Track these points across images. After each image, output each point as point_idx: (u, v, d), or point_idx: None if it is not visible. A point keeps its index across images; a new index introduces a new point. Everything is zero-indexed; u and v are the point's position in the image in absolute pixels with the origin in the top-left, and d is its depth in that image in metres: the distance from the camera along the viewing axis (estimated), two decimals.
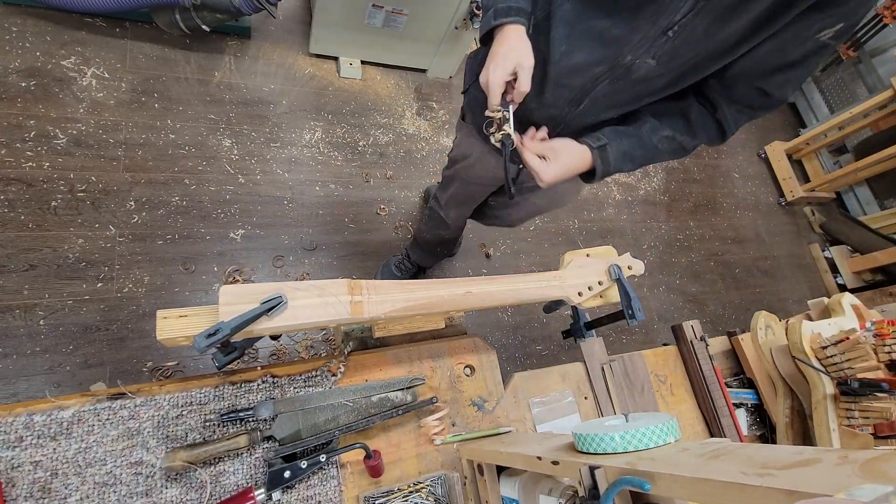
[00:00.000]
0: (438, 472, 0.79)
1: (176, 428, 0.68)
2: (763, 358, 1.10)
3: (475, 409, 0.88)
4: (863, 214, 3.42)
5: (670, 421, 0.56)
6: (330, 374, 0.79)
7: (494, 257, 2.25)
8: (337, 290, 0.65)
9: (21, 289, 1.48)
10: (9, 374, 1.40)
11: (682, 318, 2.24)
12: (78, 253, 1.57)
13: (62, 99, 1.71)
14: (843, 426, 0.94)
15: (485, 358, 0.92)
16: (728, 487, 0.40)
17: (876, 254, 2.94)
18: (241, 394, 0.73)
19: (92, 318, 1.52)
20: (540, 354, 2.14)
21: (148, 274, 1.63)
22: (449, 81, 2.53)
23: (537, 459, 0.61)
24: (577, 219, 2.56)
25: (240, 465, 0.69)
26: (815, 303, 1.21)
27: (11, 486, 0.59)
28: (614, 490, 0.47)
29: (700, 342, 1.12)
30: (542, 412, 0.95)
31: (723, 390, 1.08)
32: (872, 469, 0.36)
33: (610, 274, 0.88)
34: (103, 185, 1.66)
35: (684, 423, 1.08)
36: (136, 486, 0.64)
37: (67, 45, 1.78)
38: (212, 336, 0.56)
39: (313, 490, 0.72)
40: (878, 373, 0.96)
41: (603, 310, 0.90)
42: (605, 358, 1.04)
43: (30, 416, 0.62)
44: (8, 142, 1.59)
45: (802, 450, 0.43)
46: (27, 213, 1.55)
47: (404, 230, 2.10)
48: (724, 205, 3.15)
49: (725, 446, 0.50)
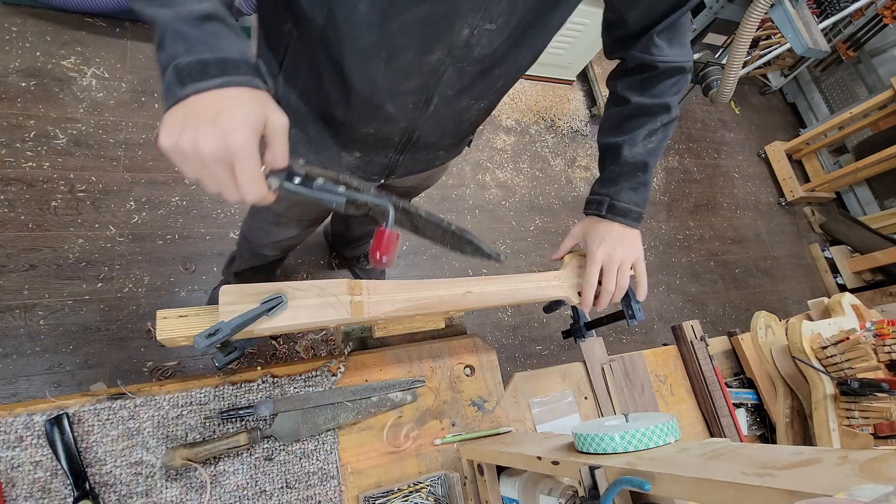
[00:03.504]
0: (438, 472, 0.79)
1: (176, 428, 0.68)
2: (763, 358, 1.10)
3: (475, 409, 0.88)
4: (863, 214, 3.42)
5: (670, 421, 0.56)
6: (330, 374, 0.79)
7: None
8: (337, 290, 0.65)
9: (21, 289, 1.47)
10: (9, 374, 1.40)
11: (682, 318, 2.24)
12: (78, 253, 1.57)
13: (62, 99, 1.71)
14: (843, 426, 0.94)
15: (485, 358, 0.92)
16: (728, 487, 0.40)
17: (876, 254, 2.94)
18: (241, 394, 0.73)
19: (92, 318, 1.52)
20: (540, 354, 2.14)
21: (148, 274, 1.63)
22: None
23: (537, 459, 0.61)
24: (577, 219, 2.56)
25: (240, 464, 0.69)
26: (815, 303, 1.22)
27: (11, 486, 0.59)
28: (614, 490, 0.47)
29: (700, 342, 1.12)
30: (542, 412, 0.95)
31: (723, 390, 1.08)
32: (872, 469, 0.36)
33: None
34: (103, 185, 1.66)
35: (684, 423, 1.08)
36: (136, 486, 0.64)
37: (67, 45, 1.78)
38: (212, 336, 0.56)
39: (313, 490, 0.72)
40: (878, 373, 0.96)
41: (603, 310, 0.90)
42: (605, 358, 1.04)
43: (30, 416, 0.62)
44: (8, 142, 1.59)
45: (802, 450, 0.43)
46: (27, 213, 1.55)
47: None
48: (724, 205, 3.15)
49: (725, 446, 0.50)
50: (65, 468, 0.60)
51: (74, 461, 0.61)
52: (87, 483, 0.61)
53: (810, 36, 2.05)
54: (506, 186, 2.45)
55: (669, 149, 3.15)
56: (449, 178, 2.31)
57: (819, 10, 2.95)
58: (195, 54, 0.46)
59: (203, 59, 0.46)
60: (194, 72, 0.46)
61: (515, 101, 2.69)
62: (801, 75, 3.80)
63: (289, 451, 0.73)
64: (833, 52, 3.42)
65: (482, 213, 2.32)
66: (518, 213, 2.42)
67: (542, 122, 2.72)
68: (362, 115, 0.70)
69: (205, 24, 0.48)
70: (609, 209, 0.80)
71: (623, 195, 0.80)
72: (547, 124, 2.73)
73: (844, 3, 2.84)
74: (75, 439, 0.62)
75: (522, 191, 2.49)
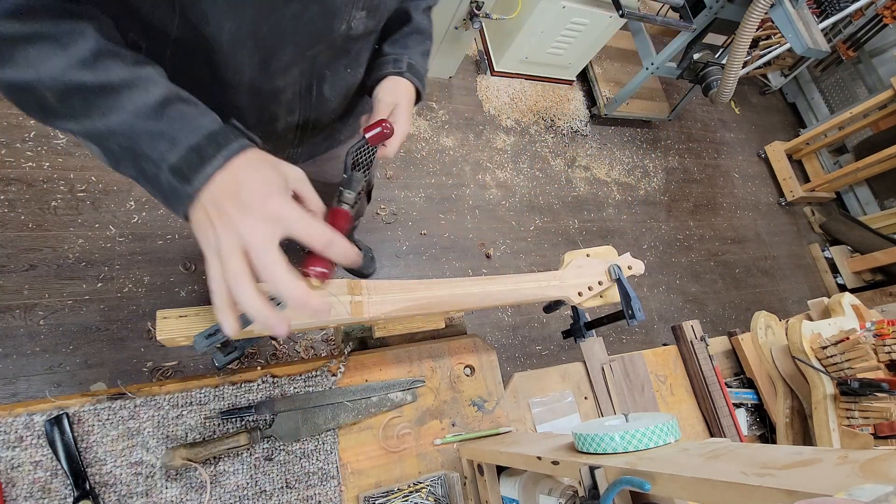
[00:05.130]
0: (438, 472, 0.79)
1: (176, 428, 0.68)
2: (763, 358, 1.10)
3: (475, 409, 0.88)
4: (863, 214, 3.42)
5: (670, 421, 0.56)
6: (330, 374, 0.79)
7: (494, 257, 2.25)
8: (337, 290, 0.65)
9: (21, 289, 1.48)
10: (9, 374, 1.40)
11: (682, 318, 2.24)
12: (78, 253, 1.57)
13: None
14: (843, 426, 0.94)
15: (485, 358, 0.92)
16: (728, 487, 0.40)
17: (876, 254, 2.94)
18: (241, 394, 0.73)
19: (92, 318, 1.52)
20: (540, 354, 2.14)
21: (148, 274, 1.63)
22: (448, 82, 2.53)
23: (537, 459, 0.61)
24: (577, 219, 2.56)
25: (240, 464, 0.69)
26: (815, 303, 1.22)
27: (11, 486, 0.59)
28: (614, 490, 0.47)
29: (700, 342, 1.12)
30: (542, 412, 0.95)
31: (723, 390, 1.08)
32: (872, 469, 0.36)
33: (610, 274, 0.88)
34: (103, 185, 1.66)
35: (684, 423, 1.08)
36: (136, 486, 0.64)
37: None
38: (211, 336, 0.56)
39: (313, 490, 0.72)
40: (878, 373, 0.96)
41: (603, 310, 0.90)
42: (605, 358, 1.04)
43: (30, 416, 0.62)
44: (8, 142, 1.59)
45: (802, 450, 0.43)
46: (27, 213, 1.55)
47: (405, 229, 2.10)
48: (724, 205, 3.16)
49: (725, 446, 0.50)
50: (65, 468, 0.60)
51: (74, 461, 0.61)
52: (87, 483, 0.61)
53: (810, 36, 2.05)
54: (506, 186, 2.45)
55: (669, 149, 3.15)
56: (449, 179, 2.31)
57: (819, 10, 2.95)
58: (181, 145, 0.42)
59: (193, 146, 0.42)
60: (192, 162, 0.42)
61: (515, 101, 2.70)
62: (801, 75, 3.80)
63: (289, 451, 0.73)
64: (833, 52, 3.43)
65: (482, 213, 2.32)
66: (518, 213, 2.42)
67: (541, 122, 2.72)
68: (252, 115, 0.68)
69: (166, 109, 0.44)
70: (409, 68, 0.74)
71: (416, 57, 0.76)
72: (547, 124, 2.74)
73: (844, 3, 2.85)
74: (75, 439, 0.62)
75: (522, 191, 2.49)
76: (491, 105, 2.61)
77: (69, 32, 0.42)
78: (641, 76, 2.55)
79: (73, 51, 0.42)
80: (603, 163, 2.82)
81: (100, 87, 0.42)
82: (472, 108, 2.56)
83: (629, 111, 2.88)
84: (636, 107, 2.92)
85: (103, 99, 0.42)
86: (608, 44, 2.71)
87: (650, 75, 2.52)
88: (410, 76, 0.74)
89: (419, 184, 2.22)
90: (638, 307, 0.86)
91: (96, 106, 0.42)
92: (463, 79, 2.60)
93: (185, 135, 0.42)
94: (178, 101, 0.45)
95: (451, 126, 2.44)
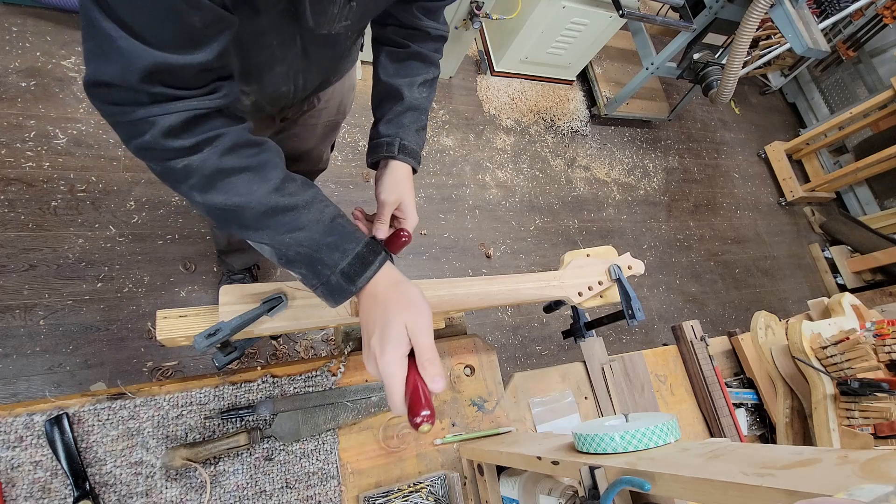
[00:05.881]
0: (438, 472, 0.79)
1: (176, 428, 0.68)
2: (763, 358, 1.10)
3: (475, 409, 0.88)
4: (863, 214, 3.42)
5: (670, 421, 0.56)
6: (330, 374, 0.79)
7: (494, 257, 2.25)
8: None
9: (21, 289, 1.47)
10: (9, 374, 1.40)
11: (682, 318, 2.24)
12: (78, 253, 1.57)
13: (62, 99, 1.71)
14: (843, 426, 0.94)
15: (485, 358, 0.92)
16: (728, 487, 0.40)
17: (876, 254, 2.94)
18: (241, 394, 0.73)
19: (92, 318, 1.52)
20: (540, 354, 2.14)
21: (148, 274, 1.63)
22: (449, 82, 2.53)
23: (537, 459, 0.61)
24: (577, 219, 2.56)
25: (240, 464, 0.69)
26: (815, 303, 1.22)
27: (11, 486, 0.59)
28: (614, 490, 0.47)
29: (700, 342, 1.12)
30: (542, 412, 0.95)
31: (723, 390, 1.08)
32: (872, 469, 0.36)
33: (610, 274, 0.88)
34: (103, 185, 1.66)
35: (684, 423, 1.08)
36: (136, 486, 0.64)
37: (67, 45, 1.78)
38: (212, 336, 0.56)
39: (313, 490, 0.72)
40: (878, 373, 0.96)
41: (603, 310, 0.90)
42: (605, 358, 1.04)
43: (30, 416, 0.62)
44: (8, 142, 1.59)
45: (802, 450, 0.43)
46: (27, 213, 1.55)
47: None
48: (724, 205, 3.16)
49: (725, 446, 0.50)
50: (65, 468, 0.60)
51: (74, 461, 0.61)
52: (87, 483, 0.61)
53: (810, 36, 2.05)
54: (506, 186, 2.45)
55: (669, 149, 3.15)
56: (449, 179, 2.31)
57: (819, 10, 2.95)
58: (348, 254, 0.54)
59: (358, 254, 0.54)
60: (355, 267, 0.54)
61: (515, 101, 2.70)
62: (801, 75, 3.80)
63: (289, 451, 0.73)
64: (833, 52, 3.43)
65: (482, 213, 2.32)
66: (518, 213, 2.42)
67: (541, 122, 2.72)
68: (262, 95, 0.78)
69: (335, 223, 0.55)
70: (401, 149, 0.78)
71: (410, 136, 0.79)
72: (547, 124, 2.74)
73: (844, 3, 2.84)
74: (75, 439, 0.62)
75: (522, 191, 2.49)
76: (491, 105, 2.61)
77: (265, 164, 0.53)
78: (641, 76, 2.54)
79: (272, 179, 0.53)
80: (603, 163, 2.82)
81: (291, 208, 0.53)
82: (472, 108, 2.55)
83: (629, 111, 2.88)
84: (636, 107, 2.92)
85: (291, 216, 0.53)
86: (608, 44, 2.71)
87: (650, 75, 2.52)
88: (404, 157, 0.78)
89: (419, 184, 2.21)
90: (638, 307, 0.86)
91: (285, 223, 0.53)
92: (463, 79, 2.60)
93: (348, 246, 0.54)
94: (339, 217, 0.56)
95: (451, 126, 2.44)
